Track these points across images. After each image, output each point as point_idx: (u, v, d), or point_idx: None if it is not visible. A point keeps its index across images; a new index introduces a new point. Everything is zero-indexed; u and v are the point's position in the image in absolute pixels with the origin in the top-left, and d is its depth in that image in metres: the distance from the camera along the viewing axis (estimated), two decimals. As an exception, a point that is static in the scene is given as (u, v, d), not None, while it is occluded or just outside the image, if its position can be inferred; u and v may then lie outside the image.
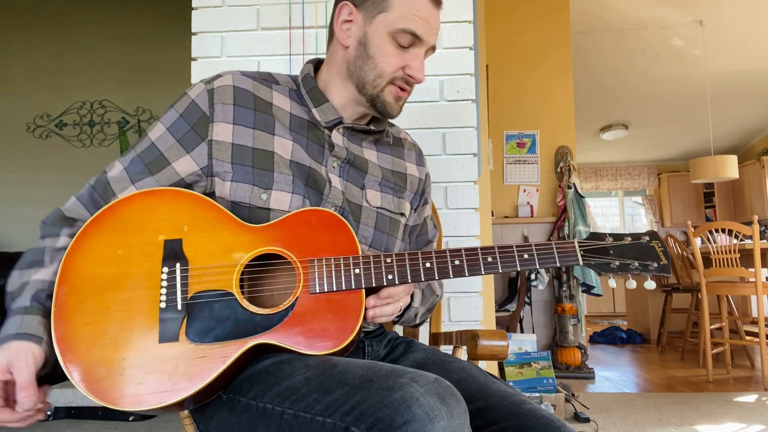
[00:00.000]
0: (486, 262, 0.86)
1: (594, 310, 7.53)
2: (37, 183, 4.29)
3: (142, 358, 0.77)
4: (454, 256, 0.86)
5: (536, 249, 0.87)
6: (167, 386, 0.75)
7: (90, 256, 0.82)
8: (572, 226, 3.79)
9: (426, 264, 0.86)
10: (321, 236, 0.87)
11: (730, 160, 5.08)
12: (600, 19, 4.86)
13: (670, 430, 2.35)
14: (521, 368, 2.61)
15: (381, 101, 0.95)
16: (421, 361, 0.95)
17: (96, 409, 2.43)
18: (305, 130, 0.96)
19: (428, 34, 0.94)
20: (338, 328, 0.82)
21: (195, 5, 1.76)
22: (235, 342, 0.79)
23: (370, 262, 0.85)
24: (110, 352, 0.77)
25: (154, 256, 0.82)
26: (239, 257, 0.84)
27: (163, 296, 0.80)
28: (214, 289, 0.81)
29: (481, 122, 2.09)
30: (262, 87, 0.96)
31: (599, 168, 8.54)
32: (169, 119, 0.92)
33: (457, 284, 1.66)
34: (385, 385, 0.66)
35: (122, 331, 0.78)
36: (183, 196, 0.87)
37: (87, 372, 0.76)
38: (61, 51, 4.40)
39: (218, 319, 0.80)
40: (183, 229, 0.84)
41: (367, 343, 0.98)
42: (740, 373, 3.68)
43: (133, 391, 0.75)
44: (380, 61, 0.93)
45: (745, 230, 3.28)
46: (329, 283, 0.83)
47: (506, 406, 0.81)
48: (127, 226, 0.84)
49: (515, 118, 4.20)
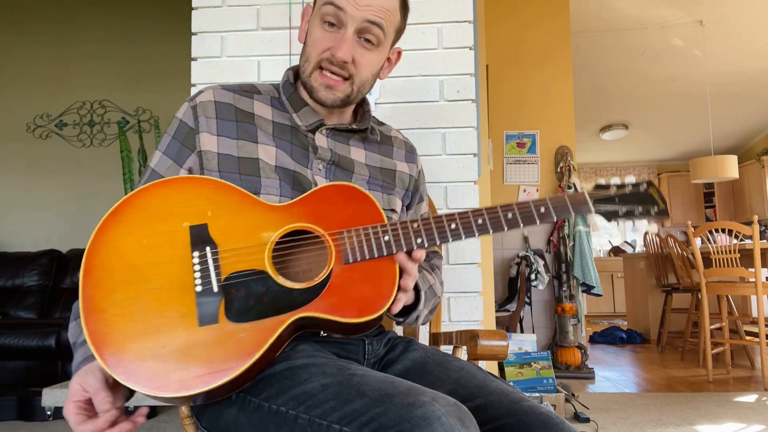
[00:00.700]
0: (507, 219, 0.88)
1: (594, 310, 7.53)
2: (37, 183, 4.29)
3: (184, 343, 0.75)
4: (476, 215, 0.88)
5: (551, 202, 0.90)
6: (214, 368, 0.74)
7: (113, 248, 0.80)
8: (572, 226, 3.79)
9: (451, 225, 0.87)
10: (345, 209, 0.88)
11: (730, 160, 5.08)
12: (600, 19, 4.86)
13: (670, 430, 2.36)
14: (521, 368, 2.61)
15: (310, 87, 0.95)
16: (421, 360, 0.95)
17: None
18: (288, 135, 0.97)
19: (353, 7, 0.90)
20: (376, 295, 0.83)
21: (195, 5, 1.76)
22: (277, 318, 0.79)
23: (398, 228, 0.86)
24: (149, 341, 0.75)
25: (182, 243, 0.82)
26: (268, 236, 0.84)
27: (197, 280, 0.79)
28: (247, 269, 0.81)
29: (481, 122, 2.09)
30: (242, 98, 0.97)
31: (599, 168, 8.55)
32: (164, 144, 0.96)
33: (457, 284, 1.66)
34: (406, 401, 0.67)
35: (159, 319, 0.76)
36: (201, 183, 0.87)
37: (127, 364, 0.73)
38: (61, 51, 4.40)
39: (256, 298, 0.80)
40: (207, 214, 0.84)
41: (368, 341, 0.98)
42: (740, 373, 3.68)
43: (178, 377, 0.73)
44: (309, 46, 0.95)
45: (745, 230, 3.28)
46: (361, 252, 0.84)
47: (505, 403, 0.81)
48: (147, 216, 0.83)
49: (515, 118, 4.20)
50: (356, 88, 0.96)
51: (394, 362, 0.98)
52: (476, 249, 1.66)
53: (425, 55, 1.70)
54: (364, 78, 0.96)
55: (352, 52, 0.92)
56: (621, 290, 7.22)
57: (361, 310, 0.81)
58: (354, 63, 0.93)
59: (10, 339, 2.99)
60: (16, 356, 3.02)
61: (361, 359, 0.97)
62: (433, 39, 1.71)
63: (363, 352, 0.98)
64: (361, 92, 0.98)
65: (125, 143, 2.99)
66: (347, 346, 0.95)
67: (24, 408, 2.47)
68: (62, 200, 4.26)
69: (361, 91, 0.98)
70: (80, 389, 0.75)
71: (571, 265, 3.75)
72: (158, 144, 0.96)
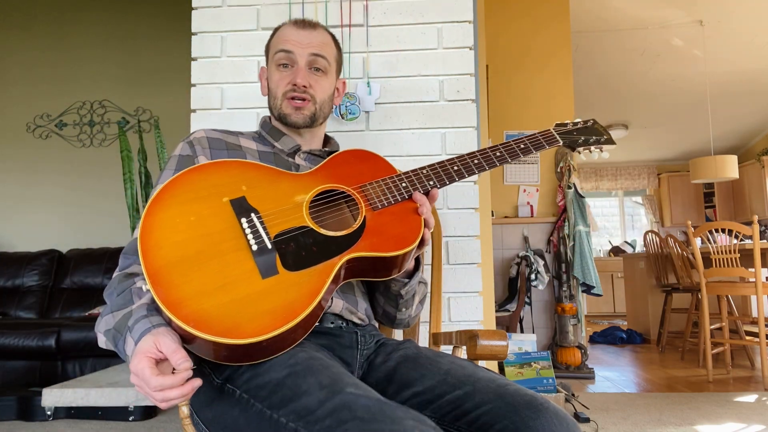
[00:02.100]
0: (496, 156, 1.10)
1: (594, 310, 7.52)
2: (37, 183, 4.29)
3: (254, 294, 0.82)
4: (472, 157, 1.09)
5: (528, 140, 1.14)
6: (286, 310, 0.81)
7: (165, 226, 0.86)
8: (572, 226, 3.79)
9: (454, 167, 1.07)
10: (362, 168, 1.06)
11: (730, 160, 5.08)
12: (600, 20, 4.86)
13: (670, 430, 2.36)
14: (521, 368, 2.61)
15: (283, 115, 1.15)
16: (413, 354, 0.99)
17: (96, 409, 2.43)
18: (272, 158, 1.14)
19: (299, 47, 1.13)
20: (408, 230, 0.98)
21: (195, 5, 1.76)
22: (329, 262, 0.89)
23: (411, 175, 1.04)
24: (221, 297, 0.80)
25: (227, 214, 0.91)
26: (301, 198, 0.97)
27: (251, 241, 0.88)
28: (292, 226, 0.93)
29: (481, 122, 2.09)
30: (230, 136, 1.15)
31: (599, 168, 8.55)
32: (165, 178, 1.01)
33: (457, 284, 1.66)
34: (393, 428, 0.69)
35: (225, 278, 0.83)
36: (229, 165, 0.99)
37: (205, 321, 0.77)
38: (61, 51, 4.40)
39: (306, 249, 0.90)
40: (242, 189, 0.95)
41: (360, 334, 1.04)
42: (740, 373, 3.68)
43: (255, 325, 0.78)
44: (273, 87, 1.16)
45: (745, 230, 3.28)
46: (386, 198, 1.01)
47: (492, 388, 0.84)
48: (189, 197, 0.91)
49: (515, 118, 4.20)
50: (318, 107, 1.15)
51: (387, 358, 1.01)
52: (476, 249, 1.66)
53: (425, 55, 1.70)
54: (321, 99, 1.16)
55: (308, 79, 1.13)
56: (621, 290, 7.22)
57: (398, 244, 0.95)
58: (311, 87, 1.14)
59: (10, 339, 2.99)
60: (16, 356, 3.02)
61: (354, 348, 1.02)
62: (433, 39, 1.71)
63: (356, 344, 1.03)
64: (323, 111, 1.17)
65: (125, 143, 2.99)
66: (340, 337, 1.02)
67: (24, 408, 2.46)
68: (62, 200, 4.26)
69: (323, 110, 1.17)
70: (155, 348, 0.77)
71: (571, 265, 3.75)
72: (159, 178, 1.06)
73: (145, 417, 2.44)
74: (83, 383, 2.43)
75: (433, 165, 1.06)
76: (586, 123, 1.23)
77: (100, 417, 2.44)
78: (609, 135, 1.22)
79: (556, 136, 1.17)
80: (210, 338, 0.75)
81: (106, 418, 2.44)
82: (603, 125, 1.22)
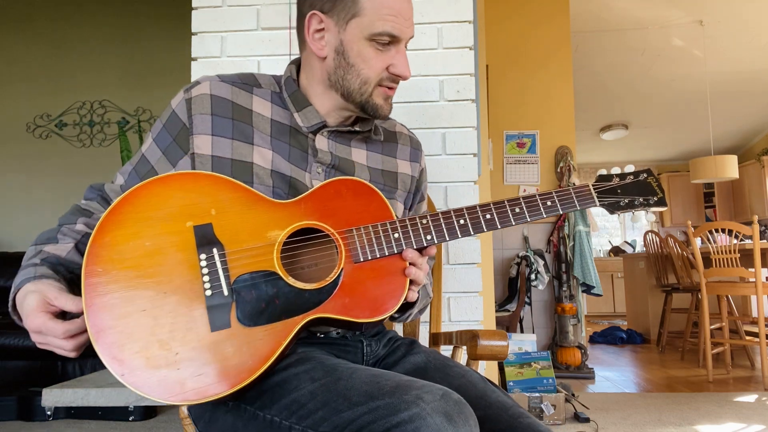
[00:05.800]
0: (515, 213, 0.89)
1: (594, 310, 7.52)
2: (37, 183, 4.29)
3: (197, 349, 0.74)
4: (484, 211, 0.89)
5: (557, 196, 0.91)
6: (230, 373, 0.73)
7: (115, 251, 0.77)
8: (572, 226, 3.79)
9: (460, 221, 0.88)
10: (353, 205, 0.88)
11: (730, 160, 5.08)
12: (600, 19, 4.86)
13: (670, 430, 2.35)
14: (521, 368, 2.61)
15: (371, 105, 0.95)
16: (422, 364, 0.95)
17: (96, 409, 2.43)
18: (287, 136, 0.95)
19: (404, 29, 0.92)
20: (388, 293, 0.84)
21: (195, 5, 1.76)
22: (290, 320, 0.78)
23: (407, 225, 0.87)
24: (161, 349, 0.73)
25: (187, 244, 0.79)
26: (275, 235, 0.82)
27: (206, 284, 0.77)
28: (256, 270, 0.80)
29: (481, 122, 2.09)
30: (241, 93, 0.95)
31: (599, 168, 8.53)
32: (155, 130, 0.95)
33: (457, 284, 1.66)
34: (391, 402, 0.67)
35: (169, 326, 0.74)
36: (202, 179, 0.84)
37: (139, 374, 0.72)
38: (61, 51, 4.40)
39: (267, 300, 0.78)
40: (211, 213, 0.82)
41: (366, 342, 0.98)
42: (740, 373, 3.68)
43: (194, 384, 0.72)
44: (362, 67, 0.92)
45: (745, 230, 3.28)
46: (371, 250, 0.85)
47: (505, 418, 0.81)
48: (150, 216, 0.80)
49: (515, 118, 4.20)
50: None
51: (395, 365, 0.97)
52: (476, 249, 1.66)
53: (425, 55, 1.70)
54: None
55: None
56: (621, 290, 7.22)
57: (373, 310, 0.82)
58: None
59: (10, 339, 2.99)
60: (16, 356, 3.01)
61: (359, 361, 0.96)
62: (433, 39, 1.71)
63: (362, 354, 0.97)
64: None
65: (125, 143, 2.99)
66: (345, 348, 0.95)
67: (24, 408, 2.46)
68: (62, 200, 4.25)
69: None
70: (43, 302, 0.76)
71: (571, 265, 3.75)
72: (151, 129, 0.96)
73: (145, 417, 2.44)
74: (83, 383, 2.43)
75: (435, 215, 0.88)
76: (637, 177, 0.95)
77: (100, 417, 2.44)
78: (662, 194, 0.95)
79: (593, 196, 0.92)
80: (147, 397, 0.72)
81: (106, 418, 2.44)
82: (634, 168, 0.97)
